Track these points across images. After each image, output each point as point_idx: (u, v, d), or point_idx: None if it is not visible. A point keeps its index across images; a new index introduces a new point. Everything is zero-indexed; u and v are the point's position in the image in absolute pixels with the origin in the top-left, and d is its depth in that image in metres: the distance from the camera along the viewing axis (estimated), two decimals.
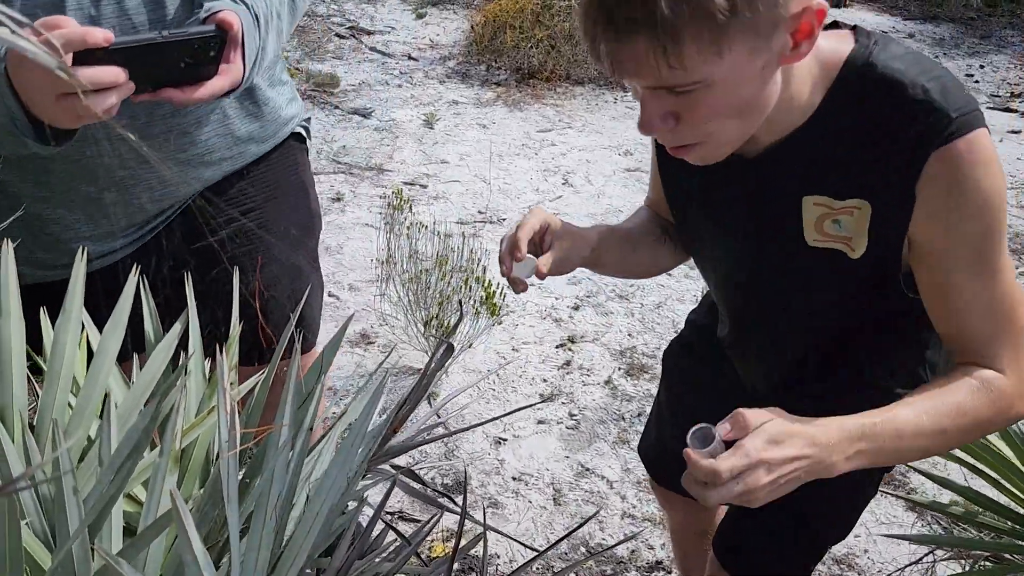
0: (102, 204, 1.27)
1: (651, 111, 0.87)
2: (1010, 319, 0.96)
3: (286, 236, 1.48)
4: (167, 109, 1.22)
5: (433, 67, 5.18)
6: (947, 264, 0.95)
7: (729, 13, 0.77)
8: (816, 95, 0.94)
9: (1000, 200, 0.93)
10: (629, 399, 2.63)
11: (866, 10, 7.37)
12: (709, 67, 0.81)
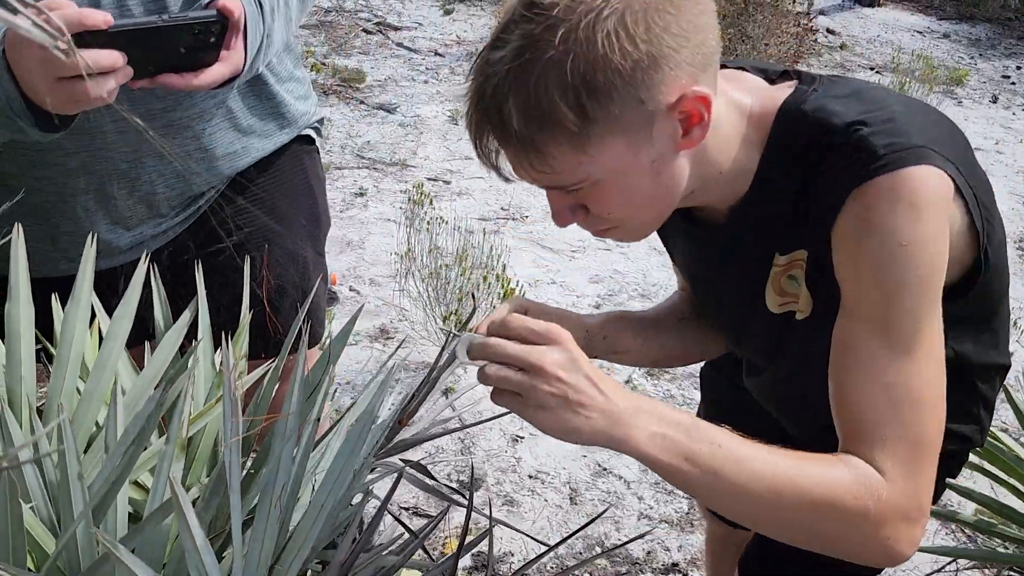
0: (108, 196, 1.26)
1: (557, 206, 0.87)
2: (909, 417, 0.80)
3: (294, 235, 1.48)
4: (169, 103, 1.21)
5: (459, 63, 5.18)
6: (852, 318, 0.83)
7: (581, 121, 0.76)
8: (754, 156, 0.89)
9: (930, 257, 0.80)
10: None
11: (901, 10, 7.27)
12: (584, 168, 0.80)
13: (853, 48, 6.21)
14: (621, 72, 0.74)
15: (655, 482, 2.31)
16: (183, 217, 1.36)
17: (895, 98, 0.87)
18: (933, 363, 0.82)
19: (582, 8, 0.74)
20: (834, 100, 0.85)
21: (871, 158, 0.79)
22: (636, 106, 0.77)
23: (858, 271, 0.81)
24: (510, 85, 0.76)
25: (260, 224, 1.44)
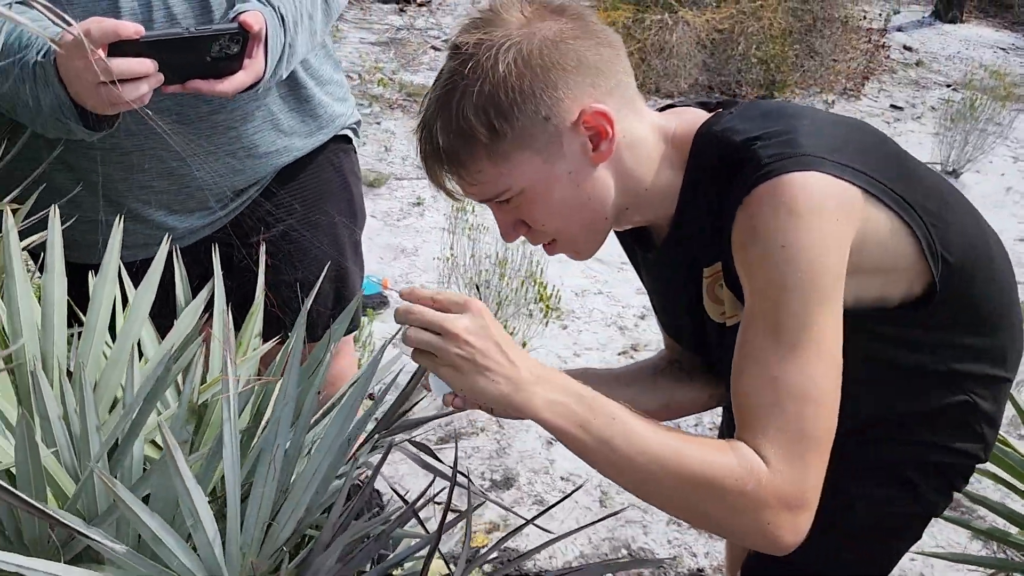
0: (161, 191, 1.39)
1: (500, 222, 0.98)
2: (793, 410, 0.83)
3: (332, 228, 1.58)
4: (215, 106, 1.33)
5: None
6: (748, 317, 0.88)
7: (491, 136, 0.88)
8: (677, 176, 0.96)
9: (810, 259, 0.83)
10: None
11: (984, 26, 7.07)
12: (504, 179, 0.91)
13: (930, 65, 6.08)
14: (521, 91, 0.87)
15: None
16: (229, 210, 1.47)
17: (811, 118, 0.91)
18: (822, 361, 0.84)
19: (488, 43, 0.88)
20: (741, 121, 0.92)
21: (756, 168, 0.85)
22: (541, 122, 0.89)
23: (749, 275, 0.87)
24: (437, 110, 0.90)
25: (300, 217, 1.54)
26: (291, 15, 1.25)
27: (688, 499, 0.84)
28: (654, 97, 5.05)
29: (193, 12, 1.26)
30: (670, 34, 4.98)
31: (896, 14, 6.94)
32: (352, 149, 1.66)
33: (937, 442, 1.08)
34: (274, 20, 1.21)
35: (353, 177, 1.65)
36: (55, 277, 0.94)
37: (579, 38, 0.90)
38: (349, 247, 1.66)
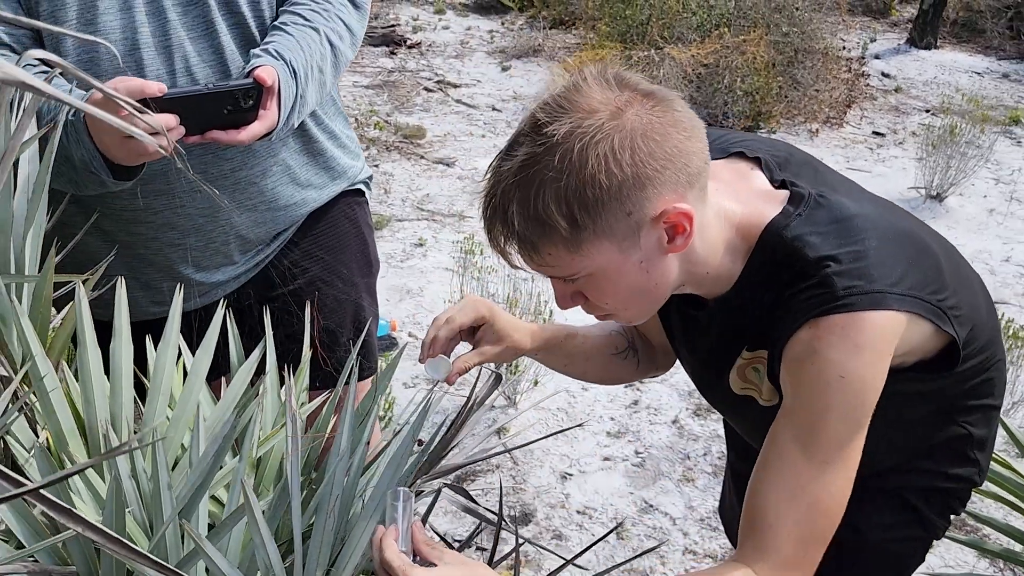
0: (189, 248, 1.46)
1: (558, 292, 0.99)
2: (806, 520, 0.92)
3: (349, 279, 1.65)
4: (236, 163, 1.42)
5: (516, 117, 5.38)
6: (783, 422, 0.94)
7: (571, 229, 0.88)
8: (737, 264, 0.99)
9: (861, 391, 0.91)
10: (695, 438, 2.69)
11: (959, 51, 7.24)
12: (576, 264, 0.92)
13: (908, 91, 6.23)
14: (608, 190, 0.87)
15: (700, 519, 2.38)
16: (251, 265, 1.55)
17: (876, 229, 0.95)
18: (845, 479, 0.93)
19: (577, 132, 0.87)
20: (812, 228, 0.94)
21: (831, 297, 0.90)
22: (623, 217, 0.89)
23: (797, 386, 0.93)
24: (514, 192, 0.89)
25: (318, 270, 1.62)
26: (302, 68, 1.33)
27: None
28: None
29: (213, 73, 1.34)
30: (658, 70, 5.11)
31: (872, 42, 7.11)
32: (365, 202, 1.74)
33: (936, 469, 1.16)
34: (286, 73, 1.30)
35: (367, 228, 1.74)
36: (122, 343, 1.00)
37: (669, 130, 0.89)
38: (366, 295, 1.74)
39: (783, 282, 0.94)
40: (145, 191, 1.37)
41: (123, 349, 1.00)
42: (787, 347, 0.93)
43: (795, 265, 0.93)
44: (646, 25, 5.65)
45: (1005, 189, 4.65)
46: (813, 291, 0.91)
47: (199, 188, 1.41)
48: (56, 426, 0.97)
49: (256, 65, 1.24)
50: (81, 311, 0.95)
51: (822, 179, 1.03)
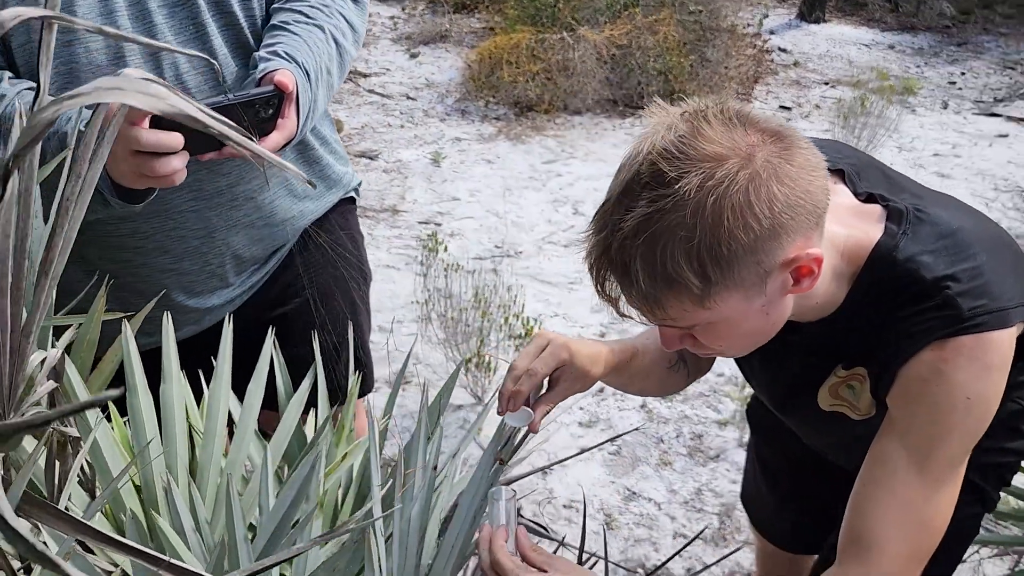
0: (183, 272, 1.35)
1: (668, 336, 0.95)
2: (914, 539, 0.92)
3: (347, 292, 1.57)
4: (233, 178, 1.31)
5: (432, 106, 5.29)
6: (895, 442, 0.93)
7: (703, 284, 0.83)
8: (842, 289, 0.95)
9: (986, 411, 0.91)
10: (666, 421, 2.70)
11: (845, 24, 7.56)
12: (700, 316, 0.87)
13: (806, 65, 6.45)
14: (743, 243, 0.81)
15: (684, 501, 2.40)
16: (247, 287, 1.44)
17: (980, 241, 0.93)
18: (950, 496, 0.93)
19: (708, 185, 0.80)
20: (924, 251, 0.91)
21: (956, 319, 0.88)
22: (754, 267, 0.84)
23: (916, 407, 0.91)
24: (638, 249, 0.82)
25: (318, 285, 1.52)
26: (313, 70, 1.24)
27: None
28: (562, 114, 5.16)
29: (206, 81, 1.23)
30: (572, 52, 5.11)
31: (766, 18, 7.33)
32: (355, 209, 1.65)
33: (994, 446, 1.17)
34: (302, 77, 1.20)
35: (360, 236, 1.65)
36: (173, 386, 0.90)
37: (799, 173, 0.83)
38: (363, 308, 1.66)
39: (897, 304, 0.92)
40: (132, 215, 1.25)
41: (174, 391, 0.90)
42: (906, 368, 0.91)
43: (911, 287, 0.91)
44: (555, 7, 5.64)
45: (908, 156, 4.88)
46: (936, 312, 0.89)
47: (195, 208, 1.30)
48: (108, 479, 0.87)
49: (271, 69, 1.14)
50: (130, 353, 0.85)
51: (894, 184, 1.02)
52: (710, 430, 2.68)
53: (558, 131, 4.97)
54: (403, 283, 3.34)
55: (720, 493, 2.43)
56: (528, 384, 1.03)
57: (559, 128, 5.01)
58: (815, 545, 1.52)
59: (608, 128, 5.04)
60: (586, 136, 4.93)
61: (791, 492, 1.50)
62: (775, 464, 1.52)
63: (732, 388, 2.85)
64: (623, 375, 1.15)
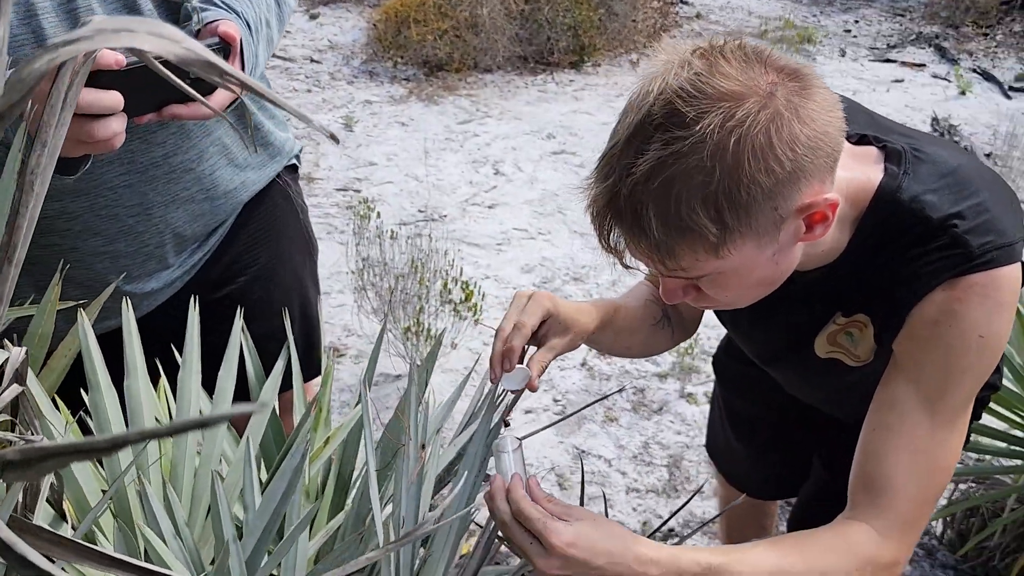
0: (118, 254, 1.23)
1: (671, 287, 0.91)
2: (927, 483, 0.91)
3: (294, 266, 1.48)
4: (169, 148, 1.20)
5: (339, 68, 5.10)
6: (906, 385, 0.91)
7: (720, 231, 0.78)
8: (845, 234, 0.93)
9: (998, 348, 0.89)
10: (607, 378, 2.70)
11: None
12: (711, 266, 0.83)
13: (707, 17, 6.52)
14: (764, 187, 0.77)
15: (633, 456, 2.41)
16: (188, 267, 1.33)
17: (980, 177, 0.91)
18: (960, 435, 0.92)
19: (729, 125, 0.75)
20: (927, 190, 0.89)
21: (967, 257, 0.86)
22: (770, 212, 0.79)
23: (928, 351, 0.89)
24: (652, 195, 0.77)
25: (264, 261, 1.43)
26: (253, 22, 1.14)
27: None
28: (474, 73, 5.06)
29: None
30: (481, 8, 4.99)
31: None
32: (297, 179, 1.55)
33: None
34: (244, 28, 1.10)
35: (304, 207, 1.55)
36: (139, 380, 0.81)
37: (818, 112, 0.79)
38: (311, 282, 1.57)
39: (903, 245, 0.90)
40: (59, 192, 1.13)
41: (140, 386, 0.81)
42: (917, 310, 0.89)
43: (916, 228, 0.89)
44: None
45: None
46: (945, 252, 0.87)
47: (128, 182, 1.18)
48: (77, 492, 0.77)
49: (213, 19, 1.03)
50: (89, 347, 0.76)
51: (881, 125, 0.99)
52: (651, 384, 2.70)
53: (471, 90, 4.87)
54: (327, 253, 3.21)
55: (667, 445, 2.45)
56: (519, 339, 0.98)
57: (471, 87, 4.91)
58: (789, 492, 1.54)
59: (521, 86, 4.98)
60: (499, 94, 4.85)
61: (769, 442, 1.50)
62: (750, 415, 1.52)
63: None
64: (608, 332, 1.11)
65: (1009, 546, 1.93)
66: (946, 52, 5.70)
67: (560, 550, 0.82)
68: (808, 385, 1.19)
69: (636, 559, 0.83)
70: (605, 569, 0.82)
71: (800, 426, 1.38)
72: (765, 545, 0.89)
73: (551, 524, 0.82)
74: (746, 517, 1.74)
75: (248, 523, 0.83)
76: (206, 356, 1.14)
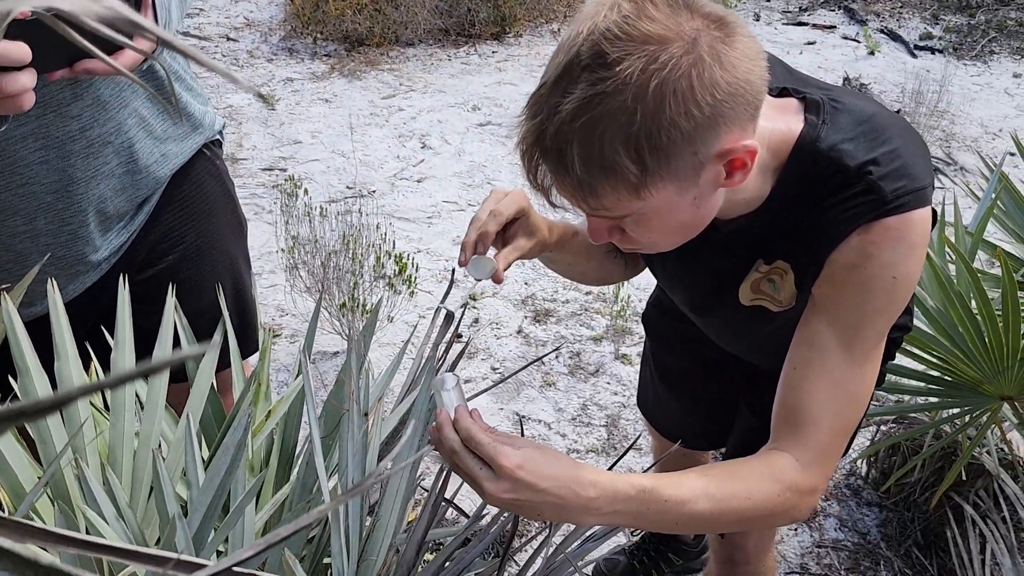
0: (38, 234, 1.20)
1: (596, 227, 0.93)
2: (845, 414, 0.96)
3: (222, 246, 1.46)
4: (85, 121, 1.17)
5: (257, 46, 4.98)
6: (824, 325, 0.95)
7: (640, 172, 0.80)
8: (767, 183, 0.96)
9: (909, 288, 0.94)
10: (543, 343, 2.74)
11: None
12: (633, 206, 0.85)
13: None
14: (684, 131, 0.79)
15: (572, 418, 2.45)
16: (116, 247, 1.31)
17: (893, 125, 0.95)
18: (875, 369, 0.98)
19: (652, 69, 0.77)
20: (845, 139, 0.93)
21: (881, 202, 0.90)
22: (690, 157, 0.82)
23: (845, 292, 0.94)
24: (575, 134, 0.79)
25: (191, 239, 1.41)
26: None
27: (738, 525, 0.96)
28: (395, 47, 5.00)
29: None
30: None
31: None
32: (222, 154, 1.53)
33: None
34: None
35: (231, 183, 1.53)
36: (70, 363, 0.79)
37: (741, 62, 0.81)
38: (242, 261, 1.55)
39: (822, 194, 0.93)
40: None
41: (72, 369, 0.80)
42: (835, 255, 0.93)
43: (835, 176, 0.92)
44: None
45: None
46: (860, 198, 0.91)
47: (45, 158, 1.15)
48: (12, 478, 0.76)
49: None
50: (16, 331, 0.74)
51: (799, 78, 1.03)
52: (587, 347, 2.74)
53: (393, 64, 4.82)
54: (255, 234, 3.18)
55: (604, 406, 2.51)
56: (494, 224, 1.00)
57: (394, 61, 4.86)
58: (719, 443, 1.59)
59: (443, 58, 4.94)
60: (422, 68, 4.81)
61: (698, 395, 1.55)
62: (678, 368, 1.57)
63: (602, 305, 2.92)
64: (565, 252, 1.14)
65: (928, 480, 2.04)
66: (855, 14, 5.86)
67: (509, 471, 0.83)
68: (733, 334, 1.24)
69: (577, 482, 0.86)
70: (549, 491, 0.85)
71: (727, 377, 1.43)
72: (697, 472, 0.93)
73: (500, 447, 0.84)
74: (680, 468, 1.80)
75: (192, 500, 0.83)
76: (138, 340, 1.13)
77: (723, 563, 1.51)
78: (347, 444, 0.86)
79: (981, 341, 1.67)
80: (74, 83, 1.14)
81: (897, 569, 2.03)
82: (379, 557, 0.94)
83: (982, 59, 5.32)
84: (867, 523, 2.16)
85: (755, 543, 1.47)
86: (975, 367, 1.72)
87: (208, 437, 0.97)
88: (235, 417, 0.83)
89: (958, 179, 3.92)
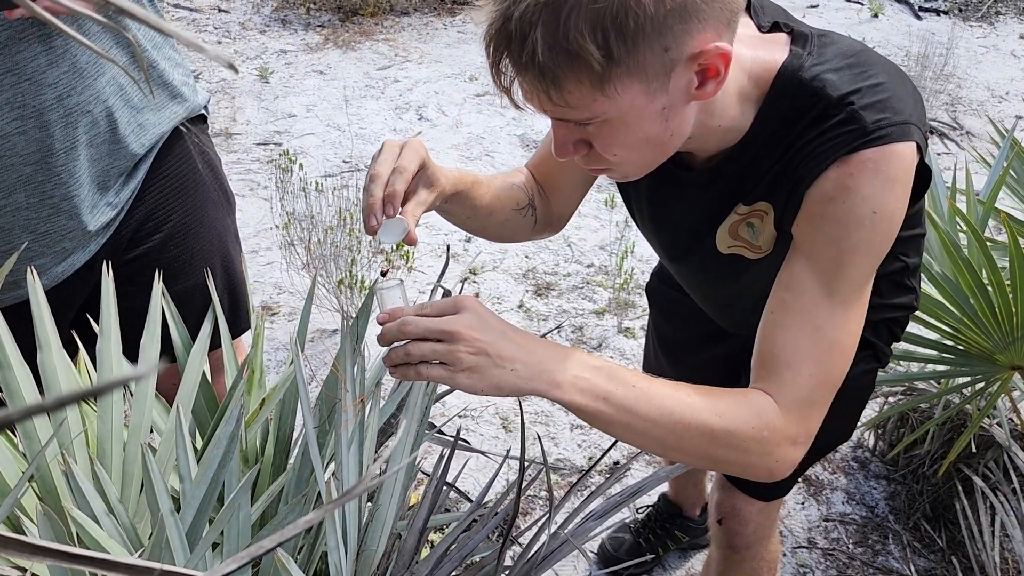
0: (19, 208, 1.16)
1: (561, 138, 0.88)
2: (826, 361, 0.89)
3: (211, 223, 1.43)
4: (62, 89, 1.14)
5: (249, 17, 4.89)
6: (803, 266, 0.90)
7: (605, 61, 0.76)
8: (748, 114, 0.93)
9: (891, 225, 0.89)
10: (545, 318, 2.71)
11: None
12: (598, 106, 0.81)
13: None
14: (653, 19, 0.75)
15: None
16: (102, 225, 1.27)
17: (880, 62, 0.91)
18: (859, 317, 0.91)
19: None
20: (829, 69, 0.89)
21: (861, 133, 0.85)
22: (660, 53, 0.77)
23: (823, 228, 0.88)
24: (541, 16, 0.75)
25: (179, 217, 1.37)
26: None
27: (707, 450, 0.87)
28: (390, 17, 4.91)
29: None
30: None
31: None
32: (207, 129, 1.49)
33: (882, 303, 1.19)
34: None
35: (217, 159, 1.50)
36: (53, 354, 0.76)
37: None
38: (231, 238, 1.52)
39: (803, 126, 0.89)
40: None
41: (56, 359, 0.77)
42: (812, 189, 0.89)
43: (816, 106, 0.88)
44: None
45: None
46: (840, 128, 0.86)
47: (22, 128, 1.11)
48: None
49: None
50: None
51: (793, 18, 0.99)
52: (589, 321, 2.71)
53: (388, 35, 4.74)
54: (251, 211, 3.13)
55: None
56: (401, 183, 0.90)
57: (388, 31, 4.78)
58: None
59: (439, 27, 4.86)
60: (418, 38, 4.73)
61: (698, 366, 1.52)
62: (679, 339, 1.53)
63: (604, 278, 2.88)
64: (463, 203, 1.06)
65: (936, 452, 2.02)
66: None
67: (471, 304, 0.80)
68: (706, 283, 1.19)
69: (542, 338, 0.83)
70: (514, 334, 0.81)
71: (727, 349, 1.40)
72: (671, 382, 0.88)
73: (446, 317, 0.80)
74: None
75: (185, 494, 0.80)
76: (126, 322, 1.09)
77: (723, 548, 1.48)
78: (342, 435, 0.83)
79: (992, 310, 1.63)
80: (48, 49, 1.11)
81: (906, 542, 2.01)
82: (379, 547, 0.91)
83: (988, 20, 5.24)
84: (875, 496, 2.14)
85: (754, 529, 1.43)
86: (985, 336, 1.68)
87: (202, 427, 0.94)
88: (227, 408, 0.80)
89: (965, 144, 3.87)
